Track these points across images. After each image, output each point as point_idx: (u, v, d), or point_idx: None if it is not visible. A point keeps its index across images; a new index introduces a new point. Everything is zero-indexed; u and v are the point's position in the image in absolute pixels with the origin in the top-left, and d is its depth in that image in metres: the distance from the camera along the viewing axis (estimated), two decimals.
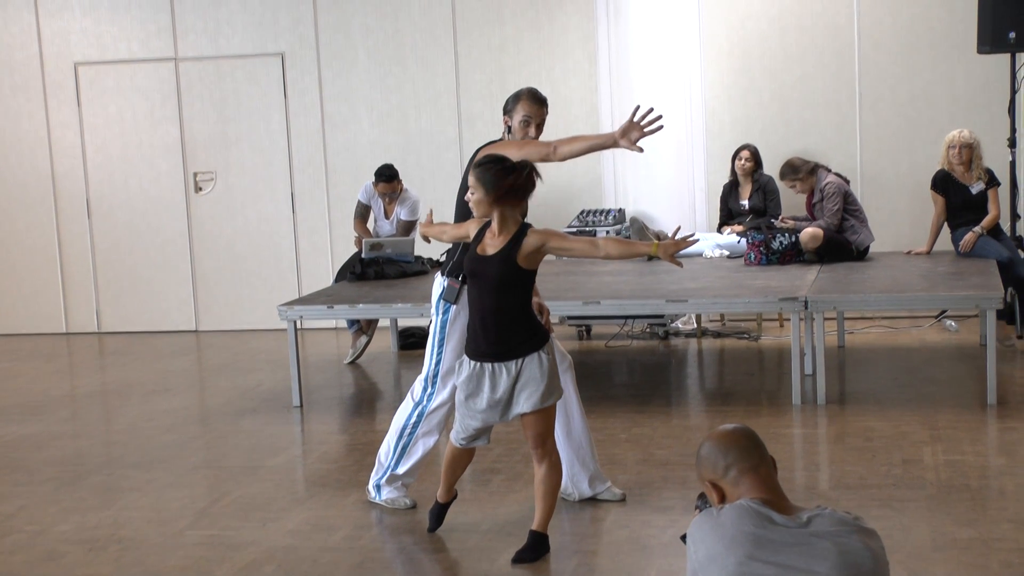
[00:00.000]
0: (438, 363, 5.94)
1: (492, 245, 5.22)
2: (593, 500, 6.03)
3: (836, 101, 10.95)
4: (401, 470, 6.08)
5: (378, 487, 6.16)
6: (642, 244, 5.31)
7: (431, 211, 5.90)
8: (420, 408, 6.00)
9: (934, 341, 9.86)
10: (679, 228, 5.59)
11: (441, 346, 5.93)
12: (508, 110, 5.97)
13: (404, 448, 6.05)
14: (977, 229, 9.21)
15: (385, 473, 6.11)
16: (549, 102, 5.98)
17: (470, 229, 5.39)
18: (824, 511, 3.09)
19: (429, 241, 5.85)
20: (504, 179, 5.16)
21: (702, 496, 3.35)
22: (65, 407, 8.93)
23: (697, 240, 5.42)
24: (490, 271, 5.19)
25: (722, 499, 3.17)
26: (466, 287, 5.61)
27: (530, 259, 5.20)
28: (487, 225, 5.29)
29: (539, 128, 5.94)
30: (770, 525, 3.02)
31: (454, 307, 5.87)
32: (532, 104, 5.92)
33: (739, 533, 3.01)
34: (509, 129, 5.94)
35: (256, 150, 11.87)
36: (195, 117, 11.94)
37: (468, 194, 5.27)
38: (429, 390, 5.97)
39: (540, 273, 5.38)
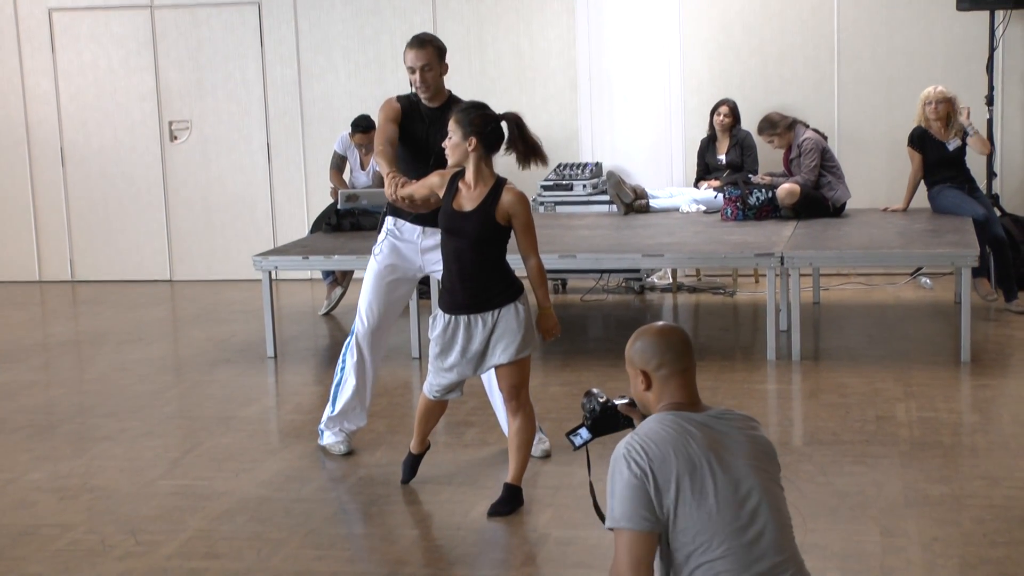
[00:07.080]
0: (361, 297, 6.12)
1: (469, 199, 5.16)
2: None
3: (815, 57, 10.91)
4: (336, 410, 6.14)
5: (321, 431, 6.25)
6: (544, 302, 5.28)
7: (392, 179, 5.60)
8: (348, 342, 6.14)
9: (909, 298, 9.88)
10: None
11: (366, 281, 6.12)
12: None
13: (337, 385, 6.16)
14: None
15: (326, 415, 6.20)
16: (528, 55, 5.91)
17: (434, 182, 5.33)
18: (723, 410, 3.36)
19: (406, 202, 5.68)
20: (487, 125, 5.13)
21: (588, 394, 3.64)
22: (38, 355, 8.88)
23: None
24: (469, 228, 5.14)
25: (648, 387, 3.35)
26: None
27: (506, 217, 5.17)
28: (458, 176, 5.24)
29: (426, 71, 5.85)
30: (694, 425, 3.24)
31: (376, 245, 6.08)
32: (410, 51, 5.88)
33: (679, 431, 3.22)
34: (412, 82, 5.97)
35: (232, 99, 11.78)
36: (170, 65, 11.82)
37: (447, 140, 5.20)
38: (355, 323, 6.11)
39: None
